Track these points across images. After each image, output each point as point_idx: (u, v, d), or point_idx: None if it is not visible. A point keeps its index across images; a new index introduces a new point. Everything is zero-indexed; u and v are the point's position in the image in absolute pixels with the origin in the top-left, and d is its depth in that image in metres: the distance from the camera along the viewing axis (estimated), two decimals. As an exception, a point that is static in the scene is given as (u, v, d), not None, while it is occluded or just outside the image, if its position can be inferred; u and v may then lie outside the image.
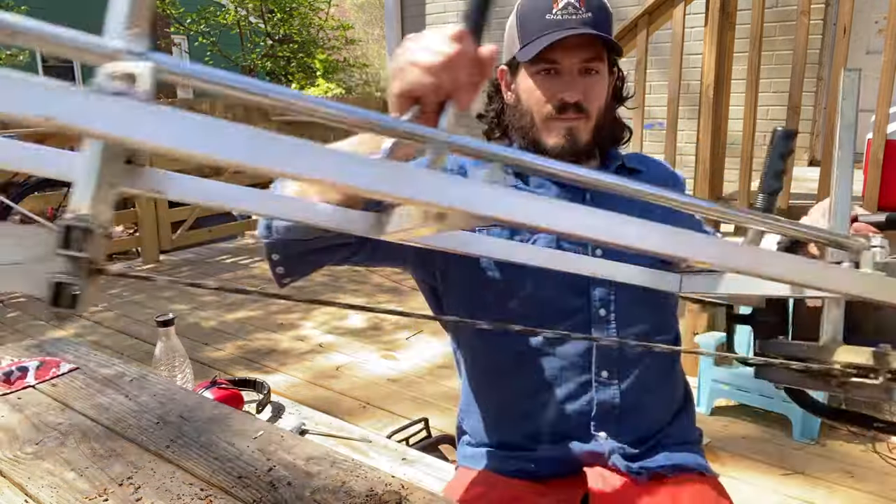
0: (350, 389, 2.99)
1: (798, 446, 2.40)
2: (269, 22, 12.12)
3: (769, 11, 3.62)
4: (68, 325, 3.88)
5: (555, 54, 1.02)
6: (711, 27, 2.86)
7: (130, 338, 3.66)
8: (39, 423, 1.09)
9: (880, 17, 3.52)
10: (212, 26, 11.49)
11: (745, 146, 2.88)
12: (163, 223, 5.28)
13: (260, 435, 1.01)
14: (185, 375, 1.46)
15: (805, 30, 2.71)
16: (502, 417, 1.11)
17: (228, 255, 5.56)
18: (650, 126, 4.25)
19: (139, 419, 1.08)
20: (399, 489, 0.86)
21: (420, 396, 2.91)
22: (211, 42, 11.36)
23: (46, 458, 0.98)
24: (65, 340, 1.49)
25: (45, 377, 1.26)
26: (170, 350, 1.43)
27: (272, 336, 3.67)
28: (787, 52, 3.60)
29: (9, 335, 3.68)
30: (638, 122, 3.11)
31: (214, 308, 4.15)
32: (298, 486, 0.87)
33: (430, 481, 1.31)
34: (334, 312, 4.03)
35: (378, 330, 3.73)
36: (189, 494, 0.87)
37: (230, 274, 4.95)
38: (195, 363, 3.32)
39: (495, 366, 1.09)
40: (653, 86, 4.14)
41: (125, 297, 4.40)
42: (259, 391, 1.65)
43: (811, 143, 3.89)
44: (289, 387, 3.00)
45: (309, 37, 14.14)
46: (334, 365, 3.26)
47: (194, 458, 0.96)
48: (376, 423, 2.66)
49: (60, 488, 0.90)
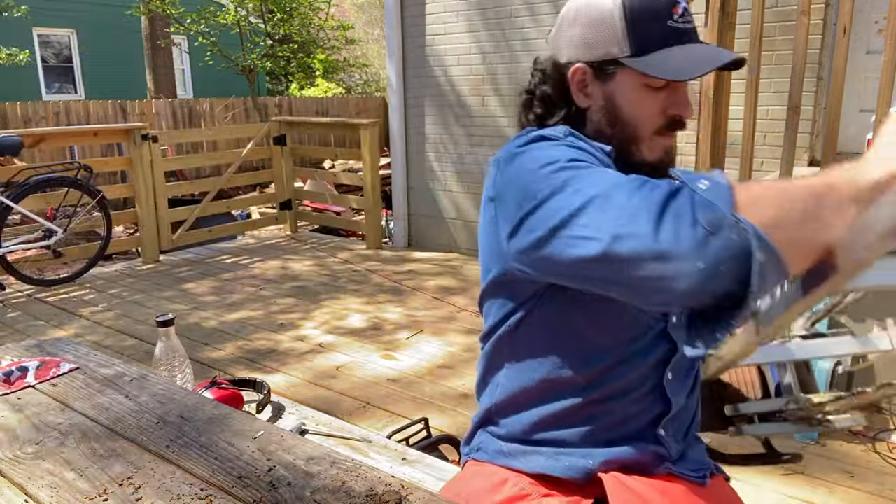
0: (350, 389, 2.99)
1: (798, 446, 2.40)
2: (269, 22, 12.12)
3: (769, 11, 3.62)
4: (68, 325, 3.88)
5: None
6: (711, 27, 2.86)
7: (130, 338, 3.66)
8: (39, 423, 1.09)
9: (880, 17, 3.52)
10: (212, 26, 11.48)
11: (745, 146, 2.88)
12: (163, 223, 5.27)
13: (260, 435, 1.01)
14: (185, 375, 1.46)
15: (805, 30, 2.71)
16: (562, 420, 1.03)
17: (228, 255, 5.56)
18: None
19: (139, 419, 1.08)
20: (399, 489, 0.86)
21: (420, 396, 2.91)
22: (211, 42, 11.35)
23: (46, 458, 0.97)
24: (65, 340, 1.49)
25: (45, 377, 1.26)
26: (170, 350, 1.43)
27: (272, 336, 3.67)
28: (787, 52, 3.60)
29: (9, 335, 3.68)
30: (638, 122, 3.11)
31: (214, 308, 4.15)
32: (298, 486, 0.87)
33: (430, 481, 1.31)
34: (335, 312, 4.03)
35: (378, 330, 3.73)
36: (189, 494, 0.87)
37: (230, 274, 4.95)
38: (195, 363, 3.33)
39: (567, 376, 1.01)
40: (653, 86, 4.13)
41: (125, 297, 4.40)
42: (259, 391, 1.65)
43: (811, 143, 3.89)
44: (289, 387, 3.00)
45: (309, 37, 14.14)
46: (334, 365, 3.26)
47: (194, 458, 0.95)
48: (376, 423, 2.66)
49: (60, 488, 0.89)
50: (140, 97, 11.79)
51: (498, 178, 0.93)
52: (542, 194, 0.82)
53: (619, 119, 0.96)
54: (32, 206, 4.57)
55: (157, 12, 11.44)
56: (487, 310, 1.07)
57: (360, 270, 4.97)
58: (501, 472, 1.05)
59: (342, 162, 10.08)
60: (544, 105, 1.03)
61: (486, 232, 0.99)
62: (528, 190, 0.85)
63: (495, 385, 1.08)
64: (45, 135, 5.13)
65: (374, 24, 20.47)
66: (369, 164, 5.49)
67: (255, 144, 6.01)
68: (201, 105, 10.83)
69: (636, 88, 0.94)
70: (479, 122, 5.19)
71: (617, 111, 0.96)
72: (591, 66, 0.96)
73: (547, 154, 0.87)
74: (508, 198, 0.89)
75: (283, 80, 16.91)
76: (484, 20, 5.00)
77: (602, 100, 0.97)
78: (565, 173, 0.82)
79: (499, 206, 0.92)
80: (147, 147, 5.07)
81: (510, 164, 0.92)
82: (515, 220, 0.86)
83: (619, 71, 0.94)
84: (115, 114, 9.69)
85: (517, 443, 1.06)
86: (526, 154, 0.91)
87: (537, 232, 0.82)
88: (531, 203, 0.83)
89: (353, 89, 17.62)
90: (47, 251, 4.61)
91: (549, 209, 0.81)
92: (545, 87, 1.02)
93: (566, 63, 0.99)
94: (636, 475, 1.00)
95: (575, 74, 0.98)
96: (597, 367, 0.99)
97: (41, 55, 13.91)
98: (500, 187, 0.92)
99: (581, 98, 0.99)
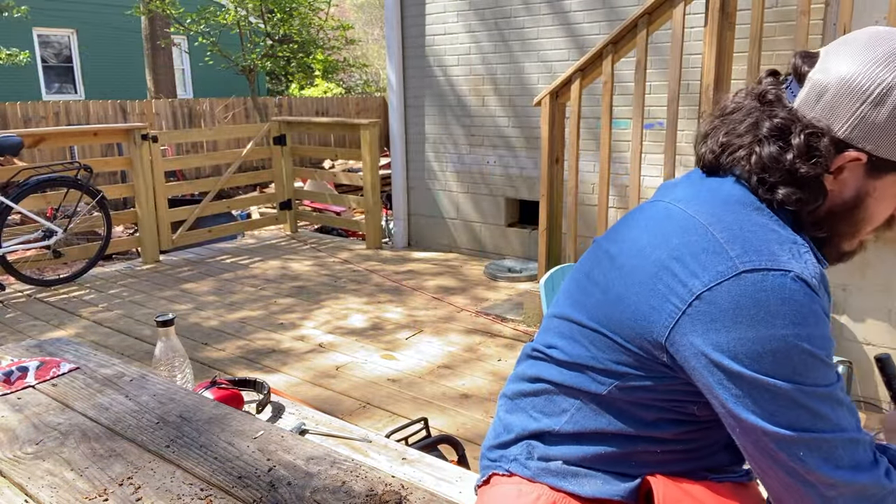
0: (350, 389, 2.99)
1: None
2: (269, 22, 12.12)
3: (769, 11, 3.62)
4: (68, 325, 3.88)
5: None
6: (711, 27, 2.86)
7: (130, 338, 3.66)
8: (39, 423, 1.08)
9: (880, 17, 3.52)
10: (212, 26, 11.48)
11: (745, 146, 2.87)
12: (163, 223, 5.27)
13: (260, 435, 1.01)
14: (185, 375, 1.46)
15: (805, 30, 2.71)
16: (632, 458, 0.96)
17: (228, 255, 5.56)
18: (650, 126, 4.25)
19: (139, 419, 1.08)
20: (399, 489, 0.86)
21: (420, 396, 2.91)
22: (211, 42, 11.35)
23: (46, 458, 0.97)
24: (65, 340, 1.49)
25: (45, 377, 1.26)
26: (170, 350, 1.43)
27: (272, 336, 3.67)
28: (786, 52, 3.60)
29: (9, 335, 3.68)
30: (638, 122, 3.11)
31: (215, 308, 4.15)
32: (298, 486, 0.87)
33: (429, 481, 1.31)
34: (335, 312, 4.03)
35: (378, 330, 3.73)
36: (189, 494, 0.87)
37: (230, 274, 4.95)
38: (195, 363, 3.33)
39: (656, 434, 0.94)
40: (653, 86, 4.14)
41: (125, 297, 4.40)
42: (259, 391, 1.65)
43: (811, 143, 3.90)
44: (289, 387, 3.00)
45: (309, 37, 14.14)
46: (334, 365, 3.26)
47: (194, 458, 0.95)
48: (376, 423, 2.66)
49: (60, 488, 0.89)
50: (140, 97, 11.80)
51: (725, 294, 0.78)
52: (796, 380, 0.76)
53: (855, 216, 0.84)
54: (32, 206, 4.57)
55: (157, 12, 11.44)
56: (586, 338, 0.93)
57: (360, 270, 4.97)
58: (547, 493, 0.97)
59: (342, 162, 10.09)
60: (797, 185, 0.82)
61: (643, 287, 0.85)
62: (781, 367, 0.76)
63: (561, 411, 0.97)
64: (45, 135, 5.13)
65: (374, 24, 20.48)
66: (369, 164, 5.49)
67: (255, 144, 6.01)
68: (201, 105, 10.83)
69: (894, 194, 0.83)
70: (479, 122, 5.19)
71: (860, 209, 0.84)
72: (872, 158, 0.80)
73: (821, 371, 0.77)
74: (730, 325, 0.78)
75: (282, 80, 16.92)
76: (484, 20, 5.00)
77: (854, 193, 0.83)
78: (828, 408, 0.77)
79: (701, 308, 0.79)
80: (147, 147, 5.07)
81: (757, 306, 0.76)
82: (727, 350, 0.78)
83: (893, 173, 0.81)
84: (115, 114, 9.69)
85: (569, 464, 0.97)
86: (796, 328, 0.76)
87: (751, 370, 0.77)
88: (779, 374, 0.76)
89: (353, 89, 17.62)
90: (47, 251, 4.61)
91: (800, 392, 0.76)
92: (803, 161, 0.81)
93: (843, 140, 0.80)
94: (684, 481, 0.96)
95: (848, 160, 0.81)
96: (688, 428, 0.93)
97: (41, 55, 13.91)
98: (724, 306, 0.78)
99: (830, 181, 0.83)
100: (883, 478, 0.78)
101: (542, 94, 3.54)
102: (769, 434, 0.77)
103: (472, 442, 2.45)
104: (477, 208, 5.32)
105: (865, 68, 0.78)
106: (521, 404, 1.02)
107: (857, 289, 2.77)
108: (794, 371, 0.76)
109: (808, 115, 0.82)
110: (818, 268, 0.79)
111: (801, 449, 0.76)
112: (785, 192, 0.82)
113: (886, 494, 0.78)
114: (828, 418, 0.77)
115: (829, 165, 0.81)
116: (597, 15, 4.42)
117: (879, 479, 0.78)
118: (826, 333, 0.78)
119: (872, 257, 2.72)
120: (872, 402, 2.81)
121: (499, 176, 5.14)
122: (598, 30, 4.40)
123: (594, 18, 4.44)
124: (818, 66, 0.83)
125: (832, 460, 0.76)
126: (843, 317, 2.84)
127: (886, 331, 2.76)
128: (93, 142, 7.12)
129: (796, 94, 0.84)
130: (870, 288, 2.75)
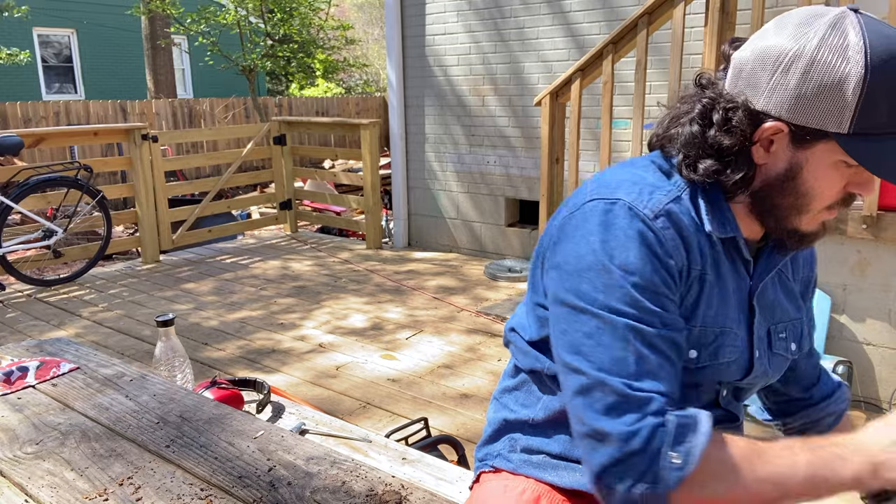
0: (350, 389, 2.99)
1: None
2: (269, 22, 12.12)
3: (769, 11, 3.62)
4: (68, 325, 3.88)
5: None
6: (711, 27, 2.86)
7: (130, 338, 3.66)
8: (39, 423, 1.09)
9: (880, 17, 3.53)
10: (212, 26, 11.48)
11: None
12: (163, 223, 5.28)
13: (260, 435, 1.01)
14: (185, 375, 1.46)
15: (805, 30, 2.71)
16: None
17: (228, 255, 5.56)
18: (650, 126, 4.24)
19: (139, 419, 1.08)
20: (399, 489, 0.86)
21: (420, 396, 2.91)
22: (211, 42, 11.35)
23: (46, 458, 0.97)
24: (65, 340, 1.49)
25: (45, 377, 1.26)
26: (170, 350, 1.43)
27: (273, 336, 3.67)
28: (787, 52, 3.60)
29: (9, 335, 3.68)
30: (638, 122, 3.11)
31: (215, 308, 4.15)
32: (298, 486, 0.87)
33: (429, 481, 1.31)
34: (335, 312, 4.03)
35: (378, 330, 3.73)
36: (189, 494, 0.87)
37: (230, 274, 4.95)
38: (195, 363, 3.33)
39: None
40: (653, 86, 4.14)
41: (125, 297, 4.40)
42: (259, 391, 1.65)
43: (811, 143, 3.90)
44: (289, 387, 3.00)
45: (309, 37, 14.14)
46: (334, 365, 3.26)
47: (194, 458, 0.95)
48: (376, 423, 2.66)
49: (60, 488, 0.90)
50: (140, 97, 11.80)
51: (562, 234, 0.88)
52: (573, 315, 0.83)
53: (796, 190, 0.84)
54: (32, 206, 4.57)
55: (157, 12, 11.44)
56: (538, 321, 0.99)
57: (360, 270, 4.97)
58: (531, 487, 1.00)
59: (342, 162, 10.09)
60: (719, 158, 0.85)
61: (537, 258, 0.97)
62: (573, 288, 0.83)
63: (536, 399, 1.02)
64: (45, 135, 5.13)
65: (374, 24, 20.49)
66: (369, 164, 5.49)
67: (254, 144, 6.01)
68: (201, 105, 10.83)
69: (831, 165, 0.81)
70: (479, 121, 5.19)
71: (798, 182, 0.83)
72: (792, 128, 0.80)
73: (606, 278, 0.81)
74: (560, 262, 0.87)
75: (283, 80, 16.93)
76: (483, 20, 5.00)
77: (786, 165, 0.83)
78: (595, 322, 0.81)
79: (549, 255, 0.90)
80: (147, 147, 5.07)
81: (576, 228, 0.86)
82: (554, 263, 0.87)
83: (822, 142, 0.80)
84: (115, 114, 9.69)
85: (550, 456, 1.01)
86: (598, 237, 0.83)
87: (556, 304, 0.86)
88: (570, 298, 0.83)
89: (353, 89, 17.63)
90: (47, 251, 4.61)
91: (572, 333, 0.82)
92: (723, 134, 0.84)
93: (761, 112, 0.82)
94: None
95: (768, 131, 0.82)
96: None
97: (41, 55, 13.91)
98: (559, 248, 0.88)
99: (760, 154, 0.84)
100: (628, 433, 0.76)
101: (542, 94, 3.54)
102: (554, 318, 0.87)
103: (472, 442, 2.45)
104: (477, 208, 5.32)
105: (777, 40, 0.81)
106: (504, 400, 1.07)
107: (857, 289, 2.77)
108: (588, 280, 0.82)
109: (731, 92, 0.85)
110: (667, 206, 0.84)
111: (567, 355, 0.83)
112: (705, 166, 0.86)
113: (630, 454, 0.75)
114: (589, 344, 0.80)
115: (751, 137, 0.83)
116: (597, 15, 4.42)
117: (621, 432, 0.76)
118: (634, 258, 0.81)
119: (872, 257, 2.72)
120: (872, 403, 2.81)
121: (499, 176, 5.14)
122: (598, 30, 4.40)
123: (594, 18, 4.44)
124: (742, 47, 0.87)
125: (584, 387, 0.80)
126: (842, 317, 2.84)
127: (886, 331, 2.76)
128: (93, 142, 7.11)
129: (726, 77, 0.88)
130: (870, 288, 2.75)
